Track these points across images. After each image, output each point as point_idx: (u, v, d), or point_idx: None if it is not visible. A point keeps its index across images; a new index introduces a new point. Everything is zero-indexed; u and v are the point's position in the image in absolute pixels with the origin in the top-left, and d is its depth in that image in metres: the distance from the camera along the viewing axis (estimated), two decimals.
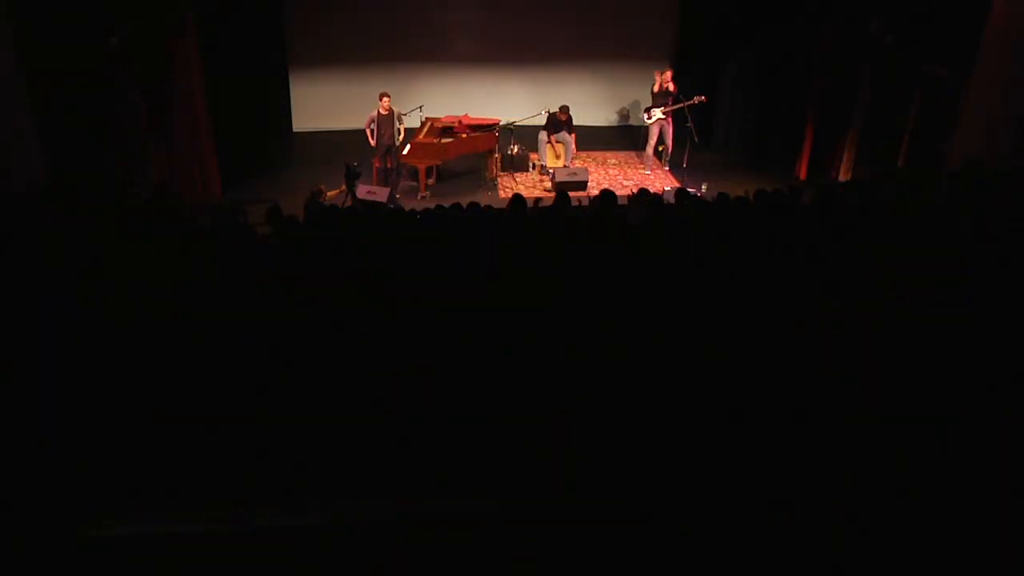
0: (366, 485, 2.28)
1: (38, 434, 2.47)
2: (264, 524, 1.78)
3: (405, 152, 10.08)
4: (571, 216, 5.86)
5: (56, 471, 2.28)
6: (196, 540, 1.77)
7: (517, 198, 6.35)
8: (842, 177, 10.54)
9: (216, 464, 2.39)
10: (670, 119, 10.75)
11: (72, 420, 2.54)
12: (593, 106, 12.75)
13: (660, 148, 10.96)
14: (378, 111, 9.94)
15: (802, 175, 10.72)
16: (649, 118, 10.81)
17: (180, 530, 1.77)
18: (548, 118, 10.81)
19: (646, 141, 11.01)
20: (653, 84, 10.80)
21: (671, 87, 10.66)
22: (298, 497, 2.16)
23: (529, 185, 10.57)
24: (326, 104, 12.36)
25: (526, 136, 11.08)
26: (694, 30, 12.41)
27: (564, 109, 10.66)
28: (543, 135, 10.85)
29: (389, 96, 10.05)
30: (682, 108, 10.49)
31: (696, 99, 10.45)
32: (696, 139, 10.60)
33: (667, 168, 11.00)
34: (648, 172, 11.02)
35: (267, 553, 1.78)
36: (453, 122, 10.46)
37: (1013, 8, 7.79)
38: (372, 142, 10.09)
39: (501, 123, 10.82)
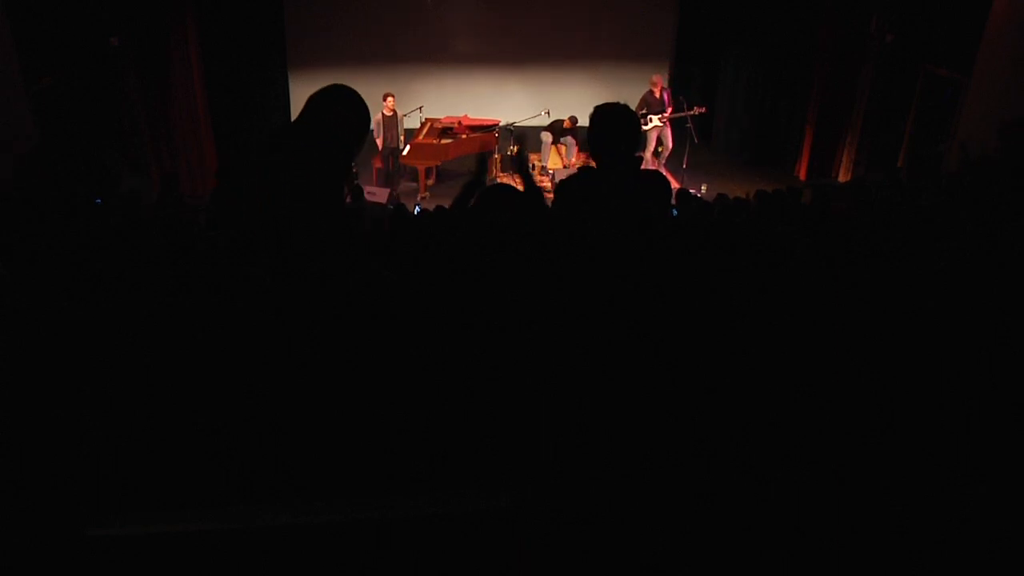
0: (370, 484, 2.28)
1: (39, 434, 2.47)
2: (267, 523, 1.78)
3: (405, 153, 10.08)
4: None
5: (57, 471, 2.28)
6: (198, 540, 1.77)
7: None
8: (842, 178, 10.55)
9: (218, 463, 2.38)
10: (668, 124, 10.57)
11: (73, 420, 2.54)
12: (593, 107, 12.73)
13: (659, 148, 10.87)
14: (382, 112, 9.93)
15: (802, 175, 10.72)
16: (646, 124, 10.46)
17: (182, 530, 1.77)
18: (555, 125, 10.81)
19: (644, 146, 10.72)
20: (649, 91, 10.52)
21: (663, 96, 10.39)
22: (302, 496, 2.16)
23: None
24: None
25: (526, 137, 11.08)
26: (694, 31, 12.42)
27: (572, 119, 10.69)
28: (546, 136, 10.85)
29: (393, 96, 10.02)
30: (679, 117, 10.36)
31: (696, 109, 10.29)
32: (696, 139, 10.60)
33: (665, 167, 10.95)
34: None
35: (270, 553, 1.78)
36: (453, 123, 10.47)
37: (1013, 9, 7.80)
38: (379, 143, 10.10)
39: (501, 124, 10.82)
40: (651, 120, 10.46)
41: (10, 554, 1.85)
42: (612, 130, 2.95)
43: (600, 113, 3.01)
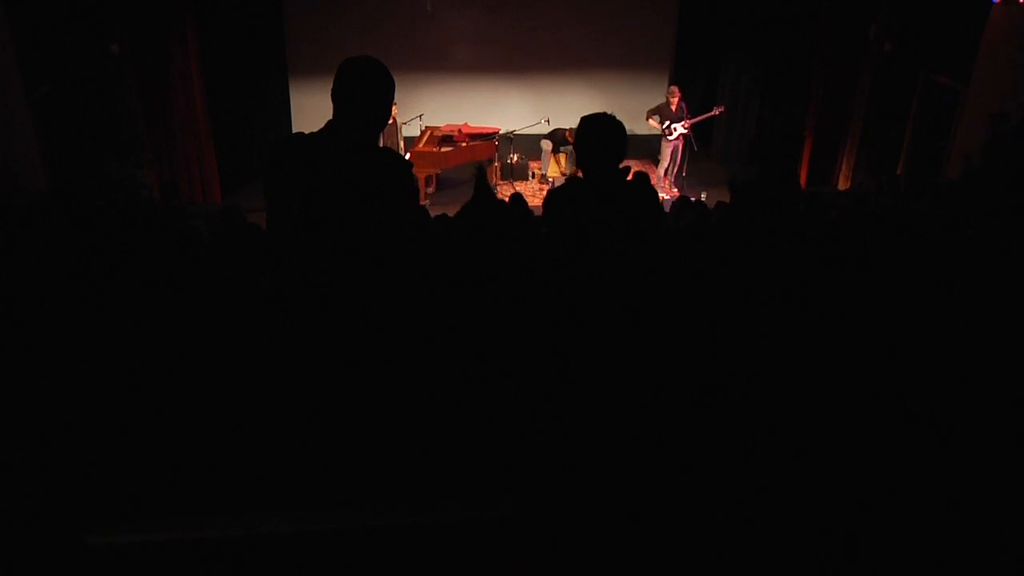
0: (370, 491, 2.28)
1: (40, 440, 2.47)
2: (268, 531, 1.77)
3: None
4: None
5: (58, 477, 2.28)
6: (199, 547, 1.76)
7: (517, 197, 6.38)
8: (841, 186, 10.56)
9: (218, 469, 2.38)
10: (684, 136, 10.22)
11: (74, 426, 2.53)
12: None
13: (670, 165, 10.47)
14: None
15: (801, 183, 10.71)
16: (670, 134, 10.16)
17: (183, 537, 1.76)
18: (556, 133, 10.78)
19: (658, 159, 10.38)
20: (668, 103, 10.18)
21: (681, 106, 10.15)
22: (301, 503, 2.15)
23: (529, 194, 10.58)
24: (325, 111, 12.26)
25: (526, 145, 11.09)
26: (693, 39, 12.46)
27: (573, 132, 10.53)
28: (546, 144, 10.84)
29: (395, 104, 10.00)
30: (701, 121, 10.15)
31: (716, 110, 10.21)
32: (696, 147, 10.58)
33: (673, 182, 10.61)
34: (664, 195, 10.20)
35: (271, 560, 1.77)
36: (453, 131, 10.48)
37: (1010, 17, 7.83)
38: None
39: (501, 132, 10.84)
40: (674, 130, 10.14)
41: (10, 559, 1.84)
42: (598, 140, 2.97)
43: (586, 123, 3.02)
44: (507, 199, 6.56)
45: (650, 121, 10.32)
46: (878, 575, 1.92)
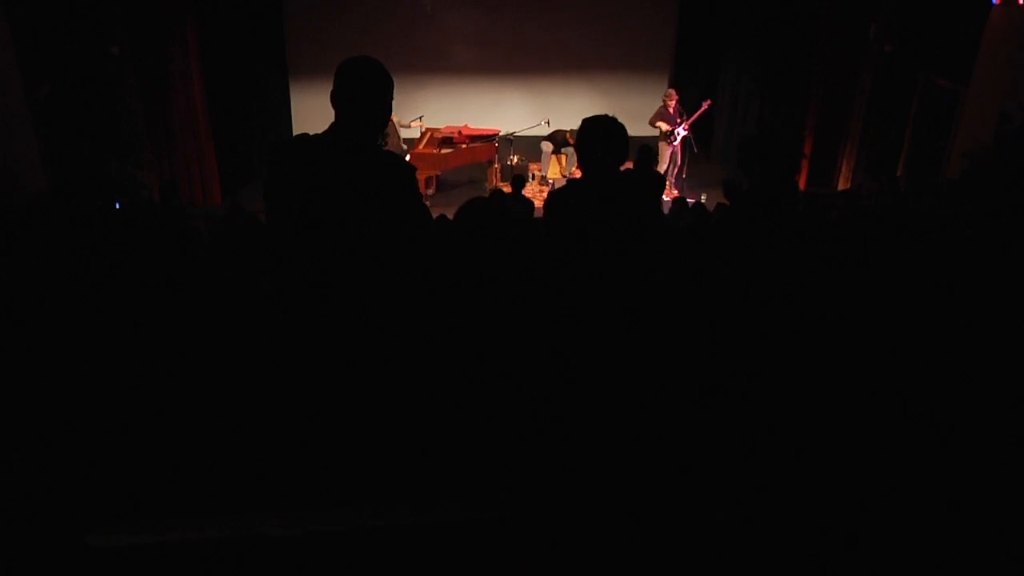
0: (370, 491, 2.28)
1: (40, 440, 2.46)
2: (267, 532, 1.77)
3: None
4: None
5: (58, 477, 2.28)
6: (199, 547, 1.76)
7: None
8: (841, 186, 10.55)
9: (219, 470, 2.38)
10: (682, 137, 10.26)
11: (74, 426, 2.53)
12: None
13: (671, 167, 10.48)
14: None
15: (801, 184, 10.71)
16: (675, 140, 10.16)
17: (183, 537, 1.76)
18: (556, 135, 10.77)
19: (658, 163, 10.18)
20: (665, 106, 10.23)
21: (678, 108, 10.20)
22: (302, 503, 2.15)
23: (529, 195, 10.58)
24: (326, 111, 12.25)
25: (526, 146, 11.09)
26: (693, 39, 12.47)
27: (574, 133, 10.56)
28: (546, 146, 10.84)
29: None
30: (697, 119, 10.18)
31: (705, 104, 10.22)
32: (696, 149, 10.58)
33: (674, 184, 10.60)
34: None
35: (271, 560, 1.77)
36: (453, 132, 10.47)
37: (1010, 17, 7.82)
38: None
39: (501, 133, 10.83)
40: (679, 133, 10.16)
41: (10, 559, 1.84)
42: (600, 142, 2.96)
43: (588, 125, 3.01)
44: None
45: (659, 124, 10.29)
46: (878, 575, 1.92)
